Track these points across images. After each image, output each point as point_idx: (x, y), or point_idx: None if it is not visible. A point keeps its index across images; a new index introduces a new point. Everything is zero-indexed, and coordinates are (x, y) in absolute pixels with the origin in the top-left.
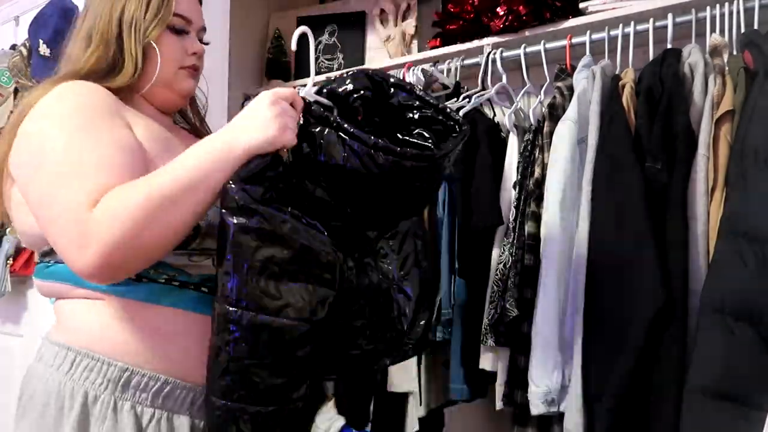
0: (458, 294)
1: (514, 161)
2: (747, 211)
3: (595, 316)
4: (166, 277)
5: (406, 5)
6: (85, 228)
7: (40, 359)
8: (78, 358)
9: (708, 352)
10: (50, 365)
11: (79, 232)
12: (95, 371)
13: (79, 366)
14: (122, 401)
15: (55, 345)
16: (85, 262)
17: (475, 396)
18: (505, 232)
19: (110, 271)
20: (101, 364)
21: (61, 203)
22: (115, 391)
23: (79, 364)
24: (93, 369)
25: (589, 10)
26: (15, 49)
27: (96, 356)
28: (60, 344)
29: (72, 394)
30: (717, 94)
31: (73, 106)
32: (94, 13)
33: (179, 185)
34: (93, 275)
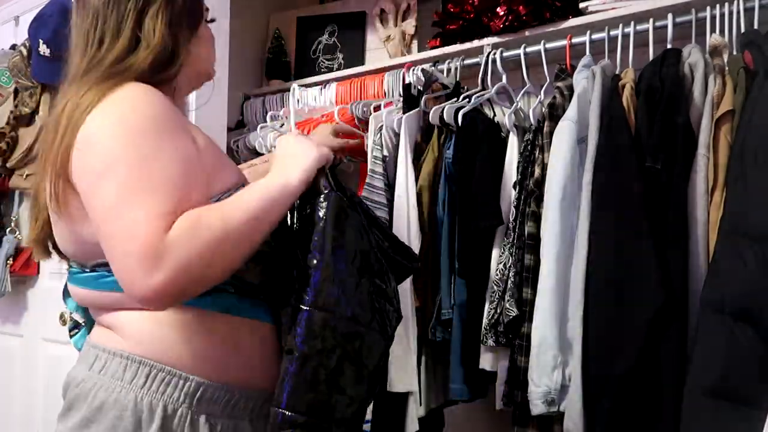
0: (458, 294)
1: (514, 161)
2: (747, 211)
3: (595, 316)
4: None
5: (406, 5)
6: (158, 251)
7: (103, 370)
8: (153, 372)
9: (708, 352)
10: (119, 378)
11: (151, 254)
12: (172, 385)
13: (155, 380)
14: (198, 414)
15: (122, 358)
16: (150, 284)
17: (475, 396)
18: (505, 232)
19: (171, 298)
20: (177, 379)
21: (132, 220)
22: (191, 405)
23: (155, 378)
24: (170, 383)
25: (589, 10)
26: (15, 49)
27: (172, 371)
28: (129, 357)
29: (151, 408)
30: (717, 94)
31: (143, 116)
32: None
33: (249, 221)
34: (151, 300)
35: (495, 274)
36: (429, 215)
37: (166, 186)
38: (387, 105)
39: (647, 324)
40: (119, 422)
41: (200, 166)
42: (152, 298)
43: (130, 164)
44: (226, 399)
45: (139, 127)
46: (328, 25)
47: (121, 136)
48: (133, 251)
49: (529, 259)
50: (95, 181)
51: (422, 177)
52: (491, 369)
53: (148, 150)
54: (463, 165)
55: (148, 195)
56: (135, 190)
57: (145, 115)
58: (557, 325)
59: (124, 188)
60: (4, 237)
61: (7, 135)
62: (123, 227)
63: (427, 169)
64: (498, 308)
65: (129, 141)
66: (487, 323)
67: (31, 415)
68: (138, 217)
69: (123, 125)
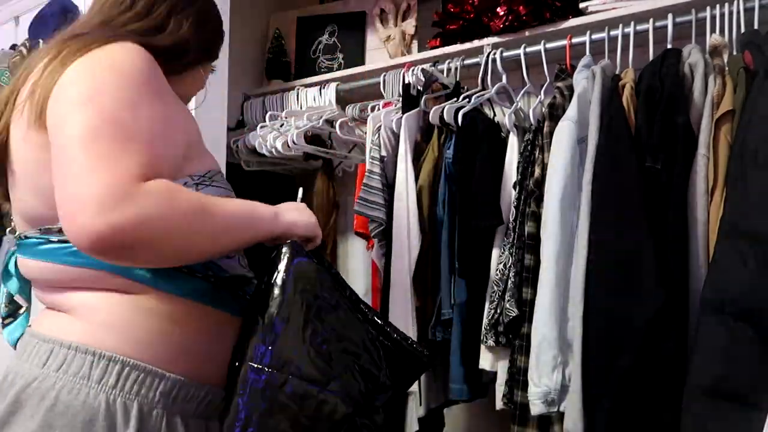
0: (458, 294)
1: (514, 161)
2: (747, 211)
3: (595, 315)
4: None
5: (406, 5)
6: (126, 194)
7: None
8: (126, 370)
9: (708, 352)
10: (85, 377)
11: (116, 193)
12: (146, 385)
13: (128, 379)
14: (173, 415)
15: (86, 353)
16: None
17: (475, 396)
18: (505, 232)
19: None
20: (153, 377)
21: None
22: (167, 405)
23: (128, 377)
24: (144, 382)
25: (589, 10)
26: (15, 49)
27: (147, 368)
28: (95, 352)
29: (125, 410)
30: (717, 94)
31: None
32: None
33: (225, 222)
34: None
35: (495, 274)
36: (429, 215)
37: (144, 136)
38: (385, 105)
39: (647, 324)
40: (90, 427)
41: (182, 134)
42: (90, 238)
43: (113, 99)
44: (200, 398)
45: (127, 72)
46: (328, 25)
47: (108, 75)
48: (94, 186)
49: (529, 259)
50: (69, 111)
51: (422, 177)
52: (491, 369)
53: (133, 94)
54: (463, 165)
55: (125, 136)
56: (113, 127)
57: (135, 65)
58: (557, 325)
59: (101, 121)
60: (4, 237)
61: None
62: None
63: (427, 169)
64: (498, 308)
65: (114, 80)
66: (487, 323)
67: None
68: (110, 154)
69: (111, 67)
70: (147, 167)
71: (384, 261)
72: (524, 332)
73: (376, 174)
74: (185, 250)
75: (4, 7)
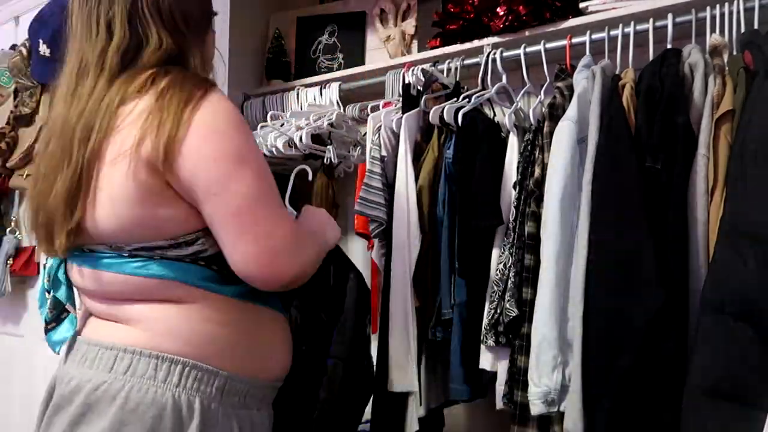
0: (458, 294)
1: (514, 161)
2: (747, 211)
3: (595, 315)
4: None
5: (406, 5)
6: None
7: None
8: (186, 369)
9: (708, 352)
10: (152, 377)
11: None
12: (205, 382)
13: (189, 377)
14: (225, 406)
15: (150, 357)
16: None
17: (475, 396)
18: (505, 232)
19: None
20: (209, 375)
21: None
22: (221, 399)
23: (188, 375)
24: (203, 380)
25: (589, 10)
26: (15, 49)
27: (204, 367)
28: (158, 356)
29: (189, 404)
30: (717, 94)
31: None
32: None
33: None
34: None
35: (495, 274)
36: (429, 215)
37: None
38: (385, 105)
39: (647, 324)
40: (159, 421)
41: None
42: (288, 278)
43: (255, 156)
44: (245, 391)
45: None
46: (328, 25)
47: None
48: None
49: (529, 259)
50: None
51: (422, 177)
52: (491, 369)
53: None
54: (463, 165)
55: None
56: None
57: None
58: (557, 325)
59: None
60: (4, 237)
61: (7, 135)
62: (272, 215)
63: (427, 169)
64: (498, 308)
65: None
66: (488, 323)
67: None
68: (280, 209)
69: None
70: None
71: (384, 261)
72: (524, 332)
73: (376, 174)
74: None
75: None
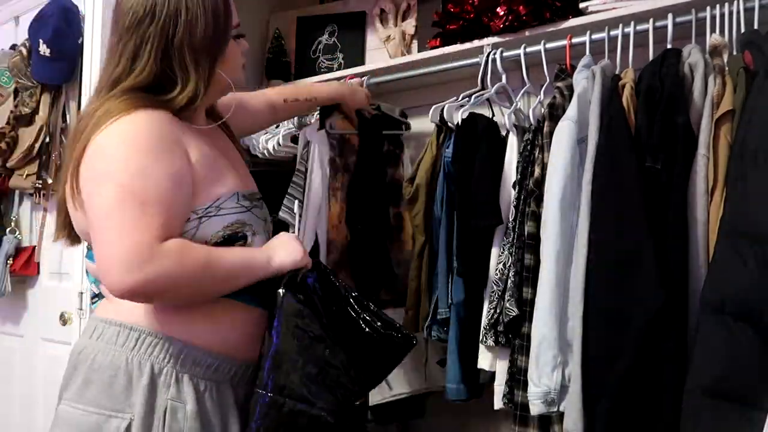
0: (456, 293)
1: (513, 161)
2: (747, 211)
3: (595, 315)
4: None
5: (406, 5)
6: (146, 257)
7: (99, 337)
8: (142, 336)
9: (708, 352)
10: (113, 342)
11: (137, 255)
12: (158, 347)
13: (143, 343)
14: (182, 373)
15: (116, 325)
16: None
17: (471, 396)
18: (504, 231)
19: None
20: (164, 342)
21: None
22: (176, 365)
23: (143, 342)
24: (156, 346)
25: (589, 10)
26: (15, 49)
27: (159, 334)
28: (122, 324)
29: (140, 367)
30: (717, 94)
31: (145, 137)
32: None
33: (225, 273)
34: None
35: (494, 273)
36: (425, 213)
37: (158, 199)
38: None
39: (647, 324)
40: (114, 380)
41: (189, 183)
42: (122, 291)
43: (130, 174)
44: (207, 363)
45: (138, 146)
46: (328, 25)
47: (123, 151)
48: (122, 249)
49: (529, 258)
50: (95, 186)
51: (419, 175)
52: (490, 369)
53: (145, 165)
54: (462, 164)
55: (140, 204)
56: (131, 197)
57: (146, 136)
58: (557, 325)
59: (122, 193)
60: (4, 237)
61: (7, 135)
62: (116, 227)
63: (425, 167)
64: (498, 308)
65: (129, 155)
66: (487, 323)
67: (31, 415)
68: (131, 221)
69: (126, 143)
70: (163, 227)
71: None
72: (524, 332)
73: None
74: (194, 295)
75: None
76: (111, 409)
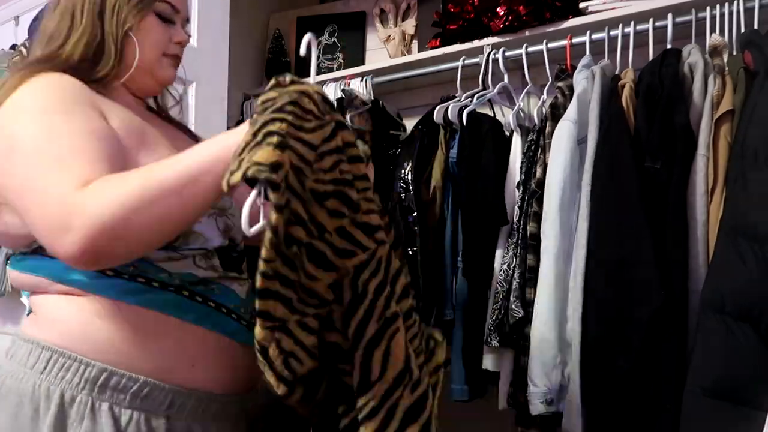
0: (460, 294)
1: (517, 161)
2: (747, 211)
3: (595, 316)
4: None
5: (406, 5)
6: (70, 210)
7: (12, 356)
8: (54, 356)
9: (708, 352)
10: (23, 363)
11: (62, 213)
12: (72, 371)
13: (56, 365)
14: (100, 402)
15: (28, 342)
16: (70, 243)
17: (474, 396)
18: (509, 232)
19: (94, 256)
20: (78, 364)
21: (42, 188)
22: (92, 392)
23: (55, 363)
24: (70, 368)
25: (589, 10)
26: (15, 49)
27: (73, 355)
28: (34, 341)
29: (48, 395)
30: (717, 94)
31: (46, 97)
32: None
33: (178, 177)
34: (76, 259)
35: (499, 274)
36: (440, 215)
37: (73, 156)
38: None
39: (647, 324)
40: (19, 410)
41: (116, 143)
42: (77, 257)
43: (37, 140)
44: (134, 389)
45: (41, 107)
46: (328, 25)
47: (24, 117)
48: (47, 215)
49: (532, 259)
50: (5, 165)
51: (435, 177)
52: (494, 369)
53: (52, 127)
54: (467, 164)
55: (55, 165)
56: (43, 163)
57: (49, 96)
58: (557, 325)
59: (33, 164)
60: None
61: None
62: (37, 197)
63: (439, 168)
64: (502, 309)
65: (32, 120)
66: (492, 324)
67: None
68: (48, 183)
69: (26, 108)
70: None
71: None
72: (527, 333)
73: None
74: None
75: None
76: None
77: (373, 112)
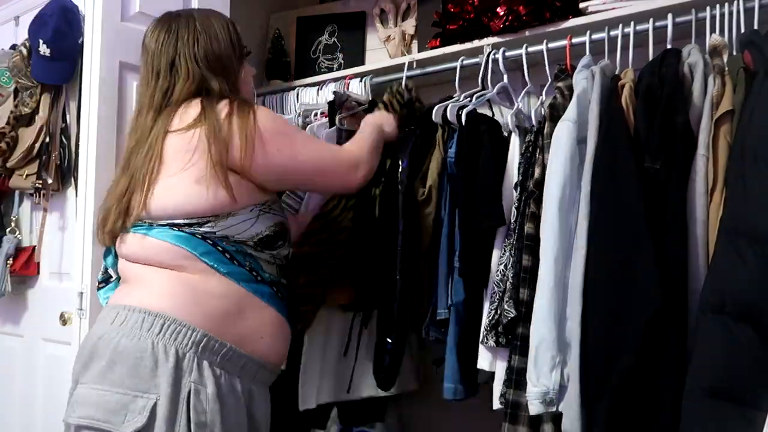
0: (456, 294)
1: (515, 161)
2: (746, 211)
3: (594, 316)
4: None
5: (406, 5)
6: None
7: (123, 323)
8: (167, 323)
9: (708, 352)
10: (138, 328)
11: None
12: (182, 334)
13: (168, 329)
14: (202, 359)
15: (140, 312)
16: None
17: (467, 396)
18: (506, 232)
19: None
20: (186, 329)
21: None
22: (197, 351)
23: (168, 328)
24: (180, 332)
25: (589, 10)
26: (15, 49)
27: (183, 322)
28: (146, 311)
29: (165, 350)
30: (716, 94)
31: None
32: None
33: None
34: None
35: (496, 274)
36: (435, 214)
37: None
38: (323, 115)
39: (646, 324)
40: (140, 362)
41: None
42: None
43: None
44: (223, 352)
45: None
46: (328, 25)
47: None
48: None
49: (527, 259)
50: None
51: (431, 177)
52: (489, 369)
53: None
54: (465, 164)
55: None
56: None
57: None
58: (556, 326)
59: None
60: (4, 237)
61: (7, 135)
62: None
63: (436, 167)
64: (498, 309)
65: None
66: (488, 324)
67: (31, 415)
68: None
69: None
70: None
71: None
72: (519, 332)
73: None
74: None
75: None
76: (136, 389)
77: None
